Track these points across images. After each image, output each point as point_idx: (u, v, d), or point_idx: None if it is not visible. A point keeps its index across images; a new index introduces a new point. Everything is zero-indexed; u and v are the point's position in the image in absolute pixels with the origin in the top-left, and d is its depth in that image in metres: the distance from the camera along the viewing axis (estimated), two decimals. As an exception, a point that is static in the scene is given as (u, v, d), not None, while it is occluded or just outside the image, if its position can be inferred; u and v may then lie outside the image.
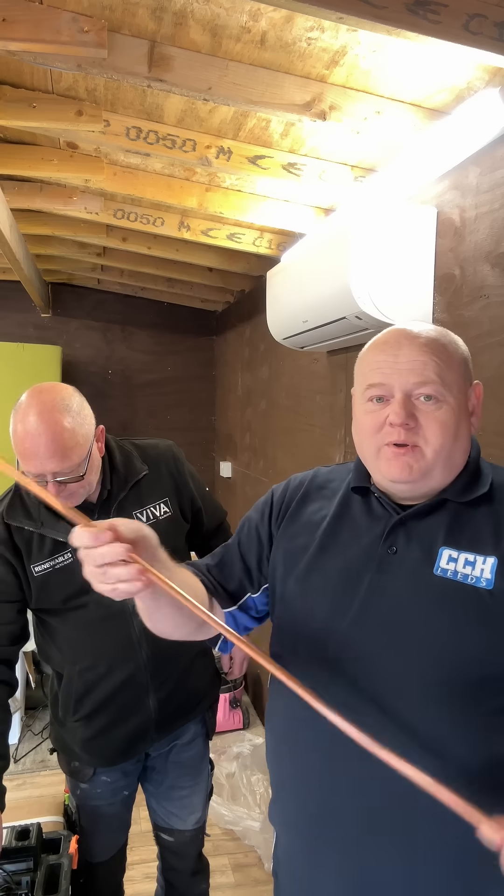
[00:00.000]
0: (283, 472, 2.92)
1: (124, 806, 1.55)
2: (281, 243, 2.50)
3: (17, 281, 3.24)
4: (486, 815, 0.65)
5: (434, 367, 0.84)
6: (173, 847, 1.63)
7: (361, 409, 0.90)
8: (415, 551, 0.86)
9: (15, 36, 1.25)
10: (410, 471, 0.84)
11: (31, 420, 1.20)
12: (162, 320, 4.21)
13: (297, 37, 1.27)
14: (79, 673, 1.41)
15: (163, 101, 1.63)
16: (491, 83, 1.29)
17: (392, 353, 0.86)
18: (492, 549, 0.81)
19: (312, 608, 0.92)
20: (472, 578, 0.80)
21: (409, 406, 0.84)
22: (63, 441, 1.21)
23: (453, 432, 0.85)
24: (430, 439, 0.84)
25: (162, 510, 1.45)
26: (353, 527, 0.94)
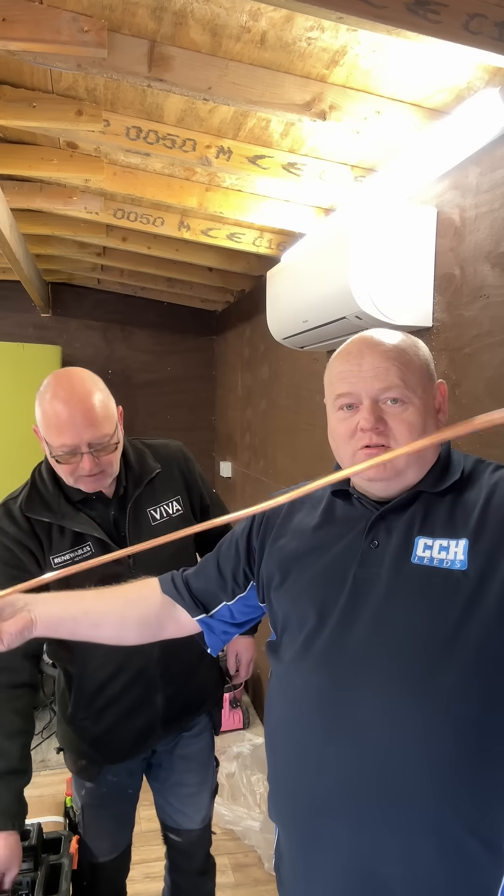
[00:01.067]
0: (283, 472, 2.92)
1: (129, 805, 1.55)
2: (281, 243, 2.50)
3: (17, 281, 3.24)
4: None
5: (396, 371, 0.89)
6: (181, 847, 1.63)
7: (334, 418, 0.96)
8: (394, 543, 0.90)
9: (15, 36, 1.25)
10: (384, 469, 0.89)
11: (63, 395, 1.23)
12: (162, 320, 4.21)
13: (297, 37, 1.27)
14: (92, 671, 1.41)
15: (163, 100, 1.63)
16: (491, 83, 1.29)
17: (356, 363, 0.92)
18: (463, 531, 0.85)
19: (305, 604, 0.96)
20: (446, 562, 0.84)
21: (376, 411, 0.89)
22: (96, 410, 1.24)
23: (421, 430, 0.90)
24: (399, 439, 0.89)
25: (175, 508, 1.47)
26: (337, 527, 0.99)
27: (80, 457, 1.25)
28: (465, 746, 0.80)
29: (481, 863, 0.80)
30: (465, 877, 0.81)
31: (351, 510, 0.99)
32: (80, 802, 1.53)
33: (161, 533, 1.41)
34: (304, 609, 0.96)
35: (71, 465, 1.27)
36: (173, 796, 1.59)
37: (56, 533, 1.36)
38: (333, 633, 0.90)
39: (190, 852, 1.63)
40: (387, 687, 0.83)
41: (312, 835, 0.92)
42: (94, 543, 1.35)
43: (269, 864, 2.24)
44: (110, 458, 1.30)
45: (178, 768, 1.57)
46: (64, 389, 1.25)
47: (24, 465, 4.13)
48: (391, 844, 0.83)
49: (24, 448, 3.77)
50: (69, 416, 1.22)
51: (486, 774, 0.80)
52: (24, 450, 3.78)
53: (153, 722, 1.45)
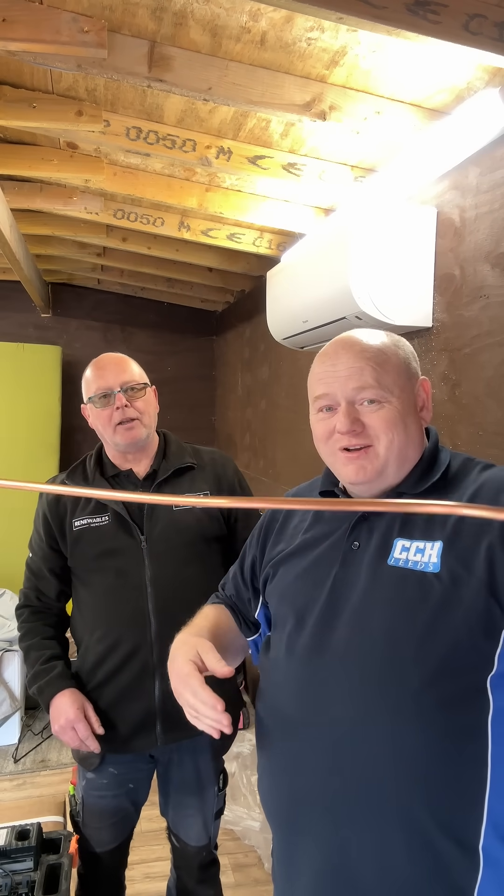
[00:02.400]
0: (283, 472, 2.92)
1: (128, 799, 1.55)
2: (281, 243, 2.50)
3: (17, 281, 3.24)
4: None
5: (370, 372, 0.89)
6: (179, 852, 1.65)
7: (314, 419, 0.97)
8: (373, 545, 0.91)
9: (15, 36, 1.25)
10: (365, 472, 0.90)
11: (101, 357, 1.53)
12: (162, 320, 4.21)
13: (297, 37, 1.27)
14: (95, 642, 1.49)
15: (163, 101, 1.63)
16: (491, 83, 1.29)
17: (331, 364, 0.93)
18: (440, 533, 0.85)
19: (288, 604, 0.98)
20: (421, 564, 0.84)
21: (352, 413, 0.90)
22: (124, 360, 1.53)
23: (402, 428, 0.90)
24: (380, 437, 0.89)
25: None
26: (324, 527, 1.00)
27: (113, 399, 1.45)
28: (435, 745, 0.80)
29: (454, 862, 0.80)
30: (437, 875, 0.80)
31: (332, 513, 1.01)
32: (82, 792, 1.54)
33: (181, 519, 1.50)
34: (287, 608, 0.98)
35: (108, 410, 1.46)
36: (173, 810, 1.61)
37: (83, 501, 1.52)
38: (313, 633, 0.92)
39: (187, 860, 1.64)
40: (361, 686, 0.84)
41: (292, 829, 0.93)
42: (113, 515, 1.48)
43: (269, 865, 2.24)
44: (141, 405, 1.49)
45: (178, 789, 1.58)
46: (102, 356, 1.54)
47: (25, 464, 4.14)
48: (364, 840, 0.83)
49: (24, 448, 3.78)
50: (104, 366, 1.50)
51: (458, 774, 0.80)
52: (25, 449, 3.79)
53: (151, 715, 1.46)
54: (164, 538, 1.48)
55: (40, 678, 1.48)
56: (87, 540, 1.48)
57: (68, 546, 1.50)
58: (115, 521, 1.48)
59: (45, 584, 1.55)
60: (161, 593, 1.45)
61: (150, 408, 1.53)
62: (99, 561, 1.48)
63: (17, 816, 1.73)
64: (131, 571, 1.46)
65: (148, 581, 1.45)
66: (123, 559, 1.47)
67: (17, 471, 3.67)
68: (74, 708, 1.42)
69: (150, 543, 1.47)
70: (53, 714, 1.44)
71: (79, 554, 1.49)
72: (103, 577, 1.48)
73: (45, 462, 3.73)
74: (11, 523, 3.51)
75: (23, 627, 1.57)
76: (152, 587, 1.45)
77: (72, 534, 1.49)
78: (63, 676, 1.48)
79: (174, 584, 1.47)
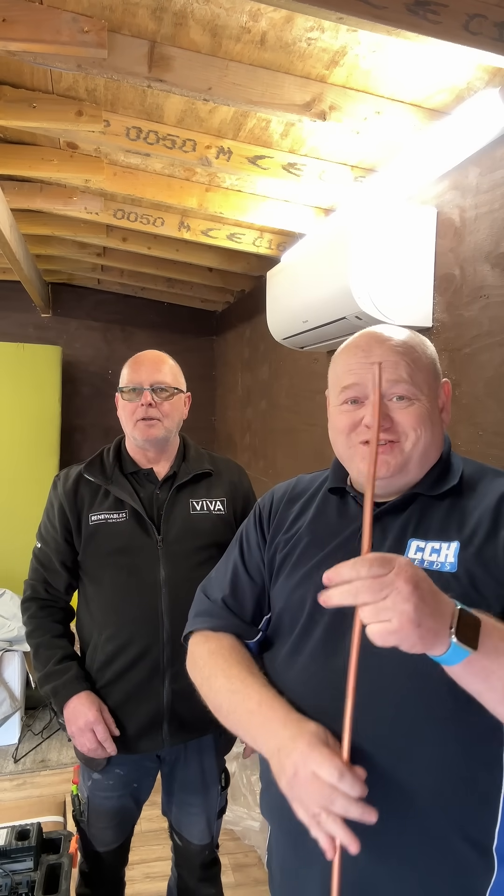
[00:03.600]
0: (283, 471, 2.92)
1: (132, 799, 1.56)
2: (281, 243, 2.50)
3: (17, 281, 3.25)
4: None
5: (405, 367, 0.87)
6: (182, 850, 1.65)
7: (336, 410, 0.94)
8: (387, 546, 0.88)
9: (15, 36, 1.25)
10: (388, 467, 0.87)
11: (143, 353, 1.55)
12: (162, 320, 4.21)
13: (297, 37, 1.27)
14: (104, 641, 1.48)
15: (163, 101, 1.63)
16: (491, 83, 1.29)
17: (364, 355, 0.90)
18: (456, 535, 0.84)
19: (296, 604, 0.94)
20: (437, 564, 0.83)
21: (383, 408, 0.87)
22: (163, 361, 1.53)
23: (429, 427, 0.88)
24: (408, 432, 0.87)
25: (217, 507, 1.57)
26: (331, 526, 0.97)
27: (141, 394, 1.47)
28: (452, 745, 0.79)
29: (468, 862, 0.79)
30: (452, 875, 0.80)
31: (346, 508, 0.97)
32: (86, 793, 1.54)
33: (198, 522, 1.51)
34: (297, 609, 0.94)
35: (133, 404, 1.49)
36: (177, 809, 1.61)
37: (101, 495, 1.51)
38: (325, 635, 0.89)
39: (188, 858, 1.65)
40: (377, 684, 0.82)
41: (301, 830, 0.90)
42: (130, 512, 1.49)
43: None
44: (167, 407, 1.50)
45: (182, 787, 1.58)
46: (144, 352, 1.56)
47: (25, 464, 4.13)
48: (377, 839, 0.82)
49: (24, 448, 3.78)
50: (141, 363, 1.52)
51: (473, 775, 0.79)
52: (25, 450, 3.79)
53: (159, 715, 1.45)
54: (180, 539, 1.48)
55: (54, 678, 1.47)
56: (103, 535, 1.48)
57: (82, 540, 1.49)
58: (132, 518, 1.48)
59: (54, 576, 1.54)
60: (175, 593, 1.44)
61: (175, 412, 1.53)
62: (113, 557, 1.47)
63: (17, 816, 1.73)
64: (145, 570, 1.46)
65: (162, 581, 1.45)
66: (138, 557, 1.46)
67: (17, 471, 3.67)
68: (94, 710, 1.41)
69: (167, 544, 1.47)
70: (70, 716, 1.42)
71: (92, 549, 1.49)
72: (115, 574, 1.47)
73: (45, 462, 3.73)
74: (11, 523, 3.51)
75: (30, 623, 1.55)
76: (166, 587, 1.45)
77: (87, 528, 1.49)
78: (79, 678, 1.47)
79: (187, 585, 1.40)
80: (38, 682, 1.54)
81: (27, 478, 3.65)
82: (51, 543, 1.53)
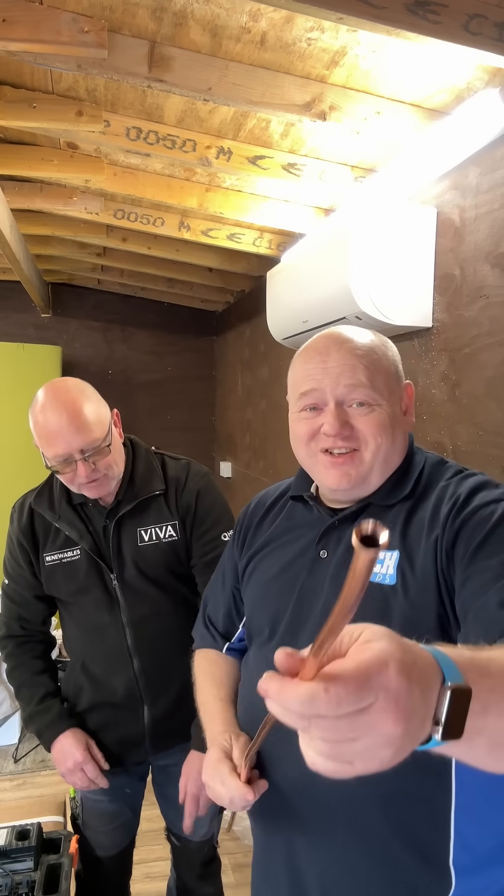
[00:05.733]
0: (283, 471, 2.92)
1: (126, 804, 1.55)
2: (281, 243, 2.50)
3: (17, 281, 3.24)
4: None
5: (364, 371, 0.85)
6: (180, 851, 1.64)
7: (295, 418, 0.91)
8: (340, 555, 0.88)
9: (15, 36, 1.25)
10: (349, 478, 0.86)
11: (49, 405, 1.27)
12: (162, 320, 4.21)
13: (297, 37, 1.27)
14: (81, 667, 1.46)
15: (163, 101, 1.63)
16: (491, 83, 1.29)
17: (321, 360, 0.87)
18: (398, 544, 0.82)
19: (261, 613, 0.96)
20: (379, 577, 0.81)
21: (342, 414, 0.85)
22: (84, 415, 1.26)
23: (389, 434, 0.86)
24: (368, 441, 0.85)
25: (167, 532, 1.42)
26: (294, 533, 0.97)
27: (74, 464, 1.26)
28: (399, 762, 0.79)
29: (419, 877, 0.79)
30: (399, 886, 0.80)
31: (308, 516, 0.97)
32: (80, 795, 1.54)
33: (148, 555, 1.38)
34: (260, 619, 0.95)
35: (68, 474, 1.29)
36: (174, 809, 1.60)
37: (53, 532, 1.41)
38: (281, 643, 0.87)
39: (188, 857, 1.64)
40: None
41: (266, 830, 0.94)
42: (83, 550, 1.39)
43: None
44: (107, 461, 1.30)
45: (178, 786, 1.57)
46: (50, 400, 1.27)
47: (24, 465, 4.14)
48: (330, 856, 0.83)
49: (24, 448, 3.77)
50: (57, 426, 1.24)
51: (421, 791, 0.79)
52: (25, 450, 3.78)
53: (139, 737, 1.45)
54: (134, 576, 1.39)
55: (37, 720, 1.42)
56: (60, 576, 1.41)
57: (43, 578, 1.43)
58: (85, 556, 1.39)
59: (29, 610, 1.48)
60: (140, 632, 1.40)
61: (115, 454, 1.33)
62: (75, 597, 1.42)
63: (17, 816, 1.73)
64: (104, 610, 1.40)
65: (125, 621, 1.39)
66: (98, 597, 1.40)
67: (17, 471, 3.66)
68: (80, 749, 1.37)
69: (122, 582, 1.38)
70: (58, 757, 1.39)
71: (54, 588, 1.43)
72: (81, 611, 1.43)
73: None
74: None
75: (10, 661, 1.49)
76: (130, 628, 1.40)
77: (45, 568, 1.42)
78: (62, 716, 1.42)
79: (152, 621, 1.41)
80: (24, 723, 1.50)
81: (26, 478, 3.64)
82: (19, 580, 1.46)
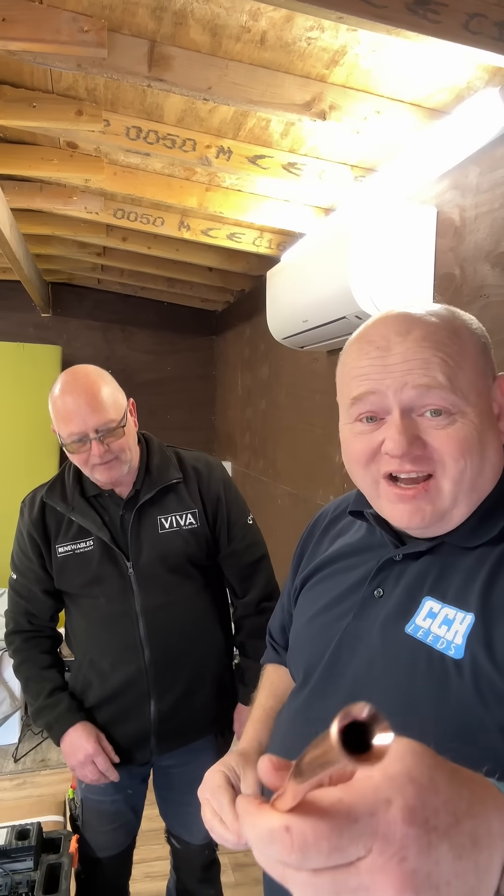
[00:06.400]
0: (283, 471, 2.92)
1: (127, 805, 1.55)
2: (281, 243, 2.50)
3: (17, 281, 3.24)
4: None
5: (440, 366, 0.63)
6: (180, 853, 1.64)
7: (348, 430, 0.71)
8: (397, 598, 0.70)
9: (15, 36, 1.25)
10: (423, 515, 0.65)
11: (69, 385, 1.32)
12: (162, 320, 4.21)
13: (297, 36, 1.27)
14: (88, 663, 1.45)
15: (163, 100, 1.63)
16: (491, 83, 1.29)
17: (380, 355, 0.66)
18: (474, 604, 0.63)
19: (297, 658, 0.84)
20: (442, 643, 0.63)
21: (411, 428, 0.64)
22: (101, 396, 1.31)
23: (478, 452, 0.64)
24: (447, 464, 0.64)
25: (188, 521, 1.45)
26: (352, 559, 0.81)
27: (89, 444, 1.30)
28: None
29: None
30: None
31: (371, 538, 0.79)
32: (80, 796, 1.54)
33: (168, 541, 1.41)
34: (296, 661, 0.83)
35: (83, 454, 1.32)
36: (174, 811, 1.60)
37: (66, 523, 1.43)
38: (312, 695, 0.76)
39: (189, 860, 1.64)
40: None
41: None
42: (97, 540, 1.41)
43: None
44: (120, 443, 1.34)
45: (179, 788, 1.57)
46: (69, 383, 1.32)
47: (25, 463, 4.14)
48: None
49: (24, 448, 3.78)
50: (74, 406, 1.29)
51: None
52: (25, 450, 3.79)
53: (146, 734, 1.44)
54: (151, 563, 1.40)
55: (46, 713, 1.43)
56: (72, 567, 1.41)
57: (54, 571, 1.44)
58: (99, 546, 1.40)
59: (37, 605, 1.49)
60: (153, 622, 1.40)
61: (129, 439, 1.36)
62: (87, 588, 1.42)
63: (17, 816, 1.73)
64: (119, 600, 1.40)
65: (139, 610, 1.40)
66: (112, 586, 1.40)
67: (17, 471, 3.67)
68: (92, 742, 1.37)
69: (138, 570, 1.40)
70: (68, 750, 1.39)
71: (65, 580, 1.43)
72: (93, 603, 1.43)
73: (45, 462, 3.73)
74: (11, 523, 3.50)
75: (17, 656, 1.50)
76: (143, 617, 1.40)
77: (56, 560, 1.42)
78: (71, 710, 1.42)
79: (166, 610, 1.41)
80: (32, 717, 1.50)
81: (27, 478, 3.64)
82: (28, 574, 1.47)
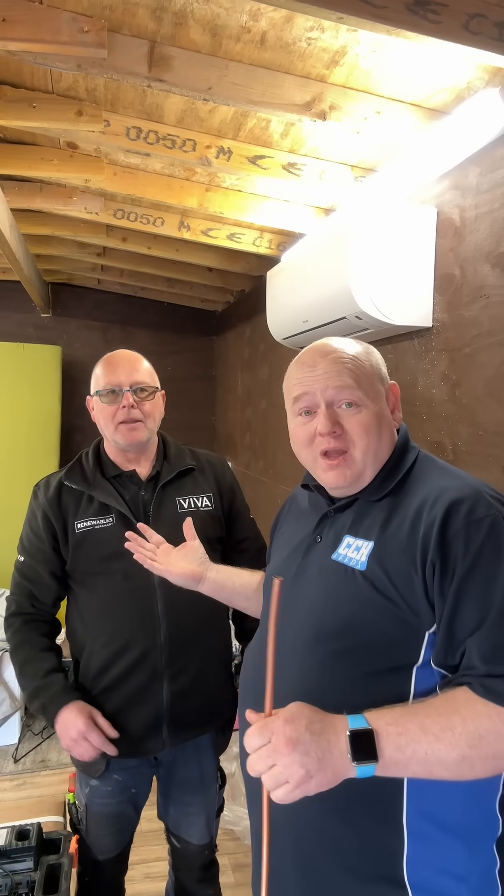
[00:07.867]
0: (283, 471, 2.92)
1: (131, 804, 1.55)
2: (281, 243, 2.50)
3: (17, 281, 3.24)
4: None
5: (349, 374, 0.95)
6: (180, 853, 1.64)
7: (294, 424, 1.03)
8: (328, 539, 1.00)
9: (15, 36, 1.25)
10: (345, 477, 0.97)
11: (117, 353, 1.52)
12: (162, 320, 4.21)
13: (297, 37, 1.27)
14: (100, 647, 1.45)
15: (163, 101, 1.63)
16: (491, 83, 1.29)
17: (309, 369, 0.99)
18: (375, 535, 0.92)
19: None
20: (354, 562, 0.92)
21: (332, 415, 0.95)
22: (139, 360, 1.52)
23: (376, 432, 0.96)
24: (356, 442, 0.95)
25: (204, 503, 1.56)
26: (301, 518, 1.12)
27: (121, 397, 1.43)
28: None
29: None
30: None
31: (314, 503, 1.09)
32: (84, 800, 1.53)
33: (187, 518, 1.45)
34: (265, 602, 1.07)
35: (112, 408, 1.44)
36: (175, 810, 1.60)
37: (85, 502, 1.48)
38: (283, 600, 0.99)
39: (188, 860, 1.64)
40: (299, 675, 0.92)
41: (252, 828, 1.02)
42: (117, 516, 1.46)
43: (269, 864, 2.23)
44: (148, 407, 1.47)
45: (180, 787, 1.57)
46: (118, 352, 1.53)
47: (25, 463, 4.14)
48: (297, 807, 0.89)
49: (24, 448, 3.77)
50: (117, 362, 1.49)
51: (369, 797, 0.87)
52: (25, 449, 3.79)
53: (159, 718, 1.44)
54: (170, 539, 1.41)
55: (41, 695, 1.43)
56: (91, 543, 1.45)
57: (70, 549, 1.46)
58: (119, 522, 1.44)
59: (42, 588, 1.51)
60: (170, 596, 1.42)
61: (155, 411, 1.51)
62: (105, 564, 1.44)
63: (17, 816, 1.73)
64: (138, 574, 1.39)
65: (157, 583, 1.41)
66: (130, 562, 1.39)
67: (17, 470, 3.67)
68: (83, 718, 1.38)
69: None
70: (61, 729, 1.39)
71: (82, 557, 1.46)
72: (109, 580, 1.44)
73: (45, 462, 3.73)
74: (11, 523, 3.50)
75: (14, 639, 1.51)
76: (161, 589, 1.42)
77: (74, 536, 1.46)
78: (65, 690, 1.43)
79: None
80: (27, 701, 1.49)
81: (27, 478, 3.64)
82: (37, 555, 1.49)
